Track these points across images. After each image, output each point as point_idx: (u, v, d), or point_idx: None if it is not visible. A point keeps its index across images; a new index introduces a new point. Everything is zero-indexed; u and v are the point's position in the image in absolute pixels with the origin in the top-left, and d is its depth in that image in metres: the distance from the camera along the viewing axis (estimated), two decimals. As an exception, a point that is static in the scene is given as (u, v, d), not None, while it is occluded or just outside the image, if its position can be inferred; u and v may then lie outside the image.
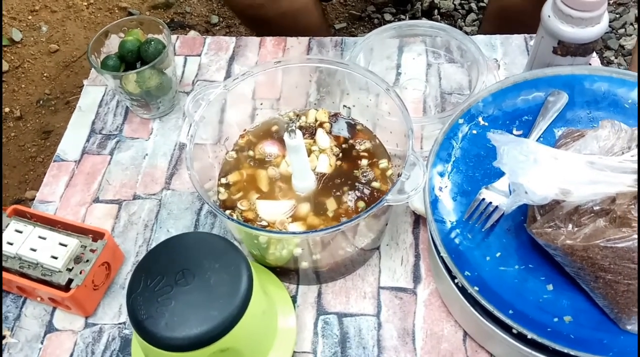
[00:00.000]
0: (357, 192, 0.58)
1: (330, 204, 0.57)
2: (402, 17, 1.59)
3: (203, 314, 0.44)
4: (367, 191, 0.58)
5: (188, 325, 0.44)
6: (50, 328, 0.59)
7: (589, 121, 0.62)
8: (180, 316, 0.44)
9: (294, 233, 0.54)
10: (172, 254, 0.48)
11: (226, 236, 0.64)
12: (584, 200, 0.47)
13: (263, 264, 0.60)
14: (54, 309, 0.60)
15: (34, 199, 0.69)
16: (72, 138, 0.75)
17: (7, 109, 1.48)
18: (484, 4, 1.58)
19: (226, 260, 0.47)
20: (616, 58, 1.50)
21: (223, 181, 0.61)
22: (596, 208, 0.47)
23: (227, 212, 0.57)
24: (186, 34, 1.58)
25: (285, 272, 0.60)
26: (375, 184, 0.58)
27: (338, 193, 0.58)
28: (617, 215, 0.46)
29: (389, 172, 0.60)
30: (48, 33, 1.66)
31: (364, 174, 0.59)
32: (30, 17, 1.69)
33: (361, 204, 0.57)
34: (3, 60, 1.58)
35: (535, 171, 0.47)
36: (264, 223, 0.57)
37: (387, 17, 1.59)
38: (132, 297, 0.46)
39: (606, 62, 1.48)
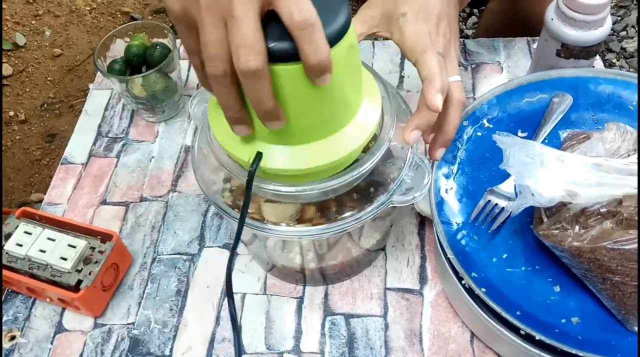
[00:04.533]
0: (362, 193, 0.58)
1: (336, 206, 0.58)
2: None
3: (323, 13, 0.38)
4: (373, 193, 0.58)
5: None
6: (59, 328, 0.59)
7: (594, 123, 0.62)
8: None
9: (301, 234, 0.54)
10: None
11: (232, 238, 0.64)
12: (591, 202, 0.47)
13: (271, 268, 0.60)
14: (64, 309, 0.60)
15: (39, 202, 0.70)
16: (79, 141, 0.75)
17: (11, 113, 1.49)
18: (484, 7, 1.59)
19: None
20: (618, 60, 1.50)
21: (227, 185, 0.61)
22: (603, 210, 0.47)
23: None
24: (189, 38, 1.59)
25: (292, 273, 0.60)
26: (381, 186, 0.59)
27: (344, 195, 0.58)
28: (624, 217, 0.46)
29: (395, 174, 0.60)
30: (51, 37, 1.67)
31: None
32: (33, 22, 1.70)
33: (367, 205, 0.57)
34: (7, 65, 1.59)
35: (541, 173, 0.48)
36: (270, 226, 0.57)
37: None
38: None
39: (608, 65, 1.48)
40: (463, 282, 0.52)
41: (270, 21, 0.37)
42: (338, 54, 0.39)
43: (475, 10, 1.61)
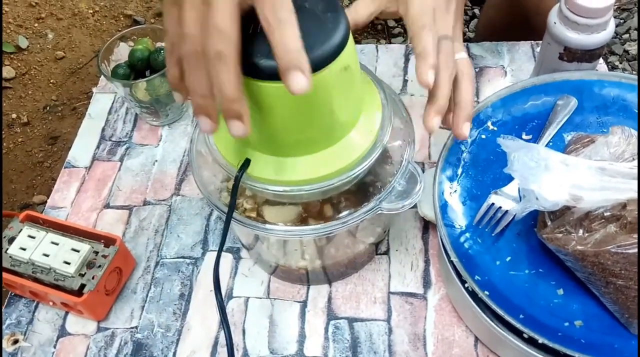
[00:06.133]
0: (358, 193, 0.58)
1: (335, 208, 0.58)
2: (407, 23, 1.60)
3: (316, 33, 0.39)
4: (369, 198, 0.58)
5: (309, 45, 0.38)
6: (62, 332, 0.59)
7: (599, 126, 0.62)
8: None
9: (294, 234, 0.54)
10: None
11: (235, 242, 0.64)
12: (595, 206, 0.47)
13: (274, 269, 0.60)
14: (67, 313, 0.60)
15: (41, 204, 0.70)
16: (83, 145, 0.75)
17: (14, 115, 1.49)
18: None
19: None
20: (621, 63, 1.50)
21: (226, 184, 0.61)
22: (607, 214, 0.47)
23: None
24: (192, 41, 1.59)
25: (295, 272, 0.60)
26: (379, 193, 0.58)
27: (344, 198, 0.58)
28: (628, 221, 0.46)
29: (394, 181, 0.60)
30: (54, 40, 1.67)
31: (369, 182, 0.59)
32: (36, 25, 1.70)
33: (362, 206, 0.57)
34: (10, 67, 1.59)
35: (546, 177, 0.48)
36: (268, 226, 0.57)
37: (391, 23, 1.60)
38: None
39: (611, 67, 1.48)
40: (466, 285, 0.52)
41: (262, 39, 0.37)
42: (329, 75, 0.40)
43: (477, 12, 1.61)
